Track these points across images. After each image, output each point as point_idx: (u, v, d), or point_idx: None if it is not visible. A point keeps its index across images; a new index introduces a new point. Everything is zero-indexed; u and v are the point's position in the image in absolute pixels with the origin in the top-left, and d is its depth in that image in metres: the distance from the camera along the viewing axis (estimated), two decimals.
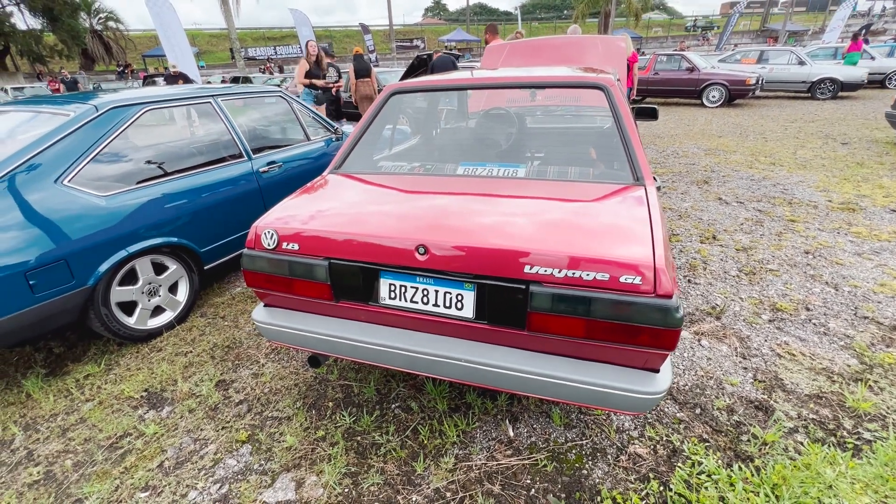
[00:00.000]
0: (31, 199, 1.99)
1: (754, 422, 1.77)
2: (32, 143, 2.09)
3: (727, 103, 10.77)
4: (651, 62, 11.60)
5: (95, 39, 29.23)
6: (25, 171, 2.02)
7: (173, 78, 8.86)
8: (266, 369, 2.24)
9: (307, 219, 1.60)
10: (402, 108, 3.40)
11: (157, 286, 2.51)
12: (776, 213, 3.96)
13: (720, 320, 2.46)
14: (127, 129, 2.42)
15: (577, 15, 34.27)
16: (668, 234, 1.67)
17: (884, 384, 1.93)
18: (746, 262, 3.09)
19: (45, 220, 2.01)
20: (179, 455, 1.76)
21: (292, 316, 1.69)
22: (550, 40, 4.51)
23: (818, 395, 1.90)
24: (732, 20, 25.95)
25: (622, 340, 1.25)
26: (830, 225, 3.64)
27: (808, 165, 5.41)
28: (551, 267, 1.26)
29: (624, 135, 1.72)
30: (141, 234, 2.35)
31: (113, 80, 25.99)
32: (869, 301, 2.56)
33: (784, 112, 9.61)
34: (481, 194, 1.70)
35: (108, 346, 2.50)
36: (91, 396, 2.11)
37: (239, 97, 3.13)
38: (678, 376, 2.05)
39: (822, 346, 2.21)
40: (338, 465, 1.66)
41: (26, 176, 2.01)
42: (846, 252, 3.16)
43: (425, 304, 1.45)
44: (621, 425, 1.80)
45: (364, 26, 23.87)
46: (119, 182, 2.35)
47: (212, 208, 2.71)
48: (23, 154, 2.04)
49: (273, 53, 33.74)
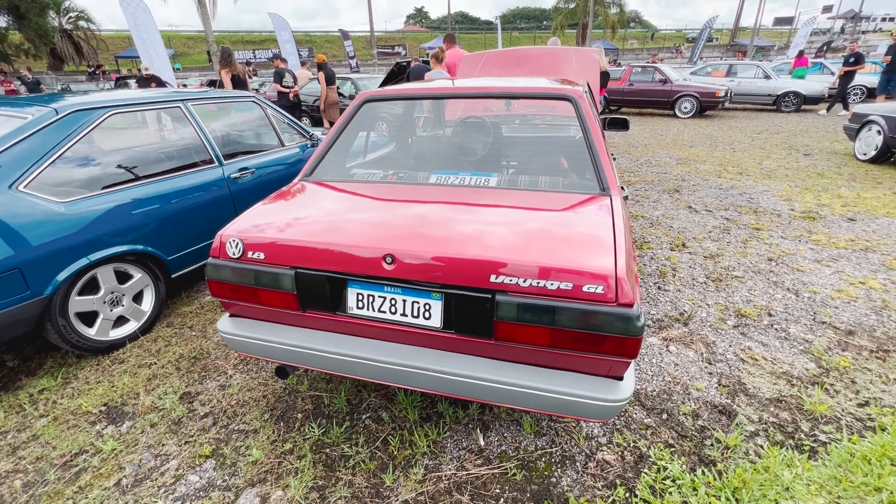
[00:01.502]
0: None
1: (718, 426, 1.81)
2: None
3: (698, 114, 11.14)
4: (626, 74, 11.92)
5: (65, 39, 28.28)
6: None
7: (146, 80, 8.63)
8: (234, 380, 2.19)
9: (273, 227, 1.58)
10: (379, 115, 3.40)
11: (119, 295, 2.43)
12: (742, 221, 4.09)
13: (688, 326, 2.52)
14: (90, 133, 2.34)
15: (555, 26, 35.08)
16: (633, 244, 1.70)
17: (839, 387, 2.01)
18: (714, 269, 3.18)
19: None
20: (139, 472, 1.69)
21: (259, 326, 1.66)
22: (526, 50, 4.59)
23: (778, 398, 1.96)
24: (704, 34, 26.93)
25: (586, 349, 1.27)
26: (792, 233, 3.78)
27: (772, 175, 5.63)
28: (517, 276, 1.27)
29: (591, 146, 1.75)
30: (103, 242, 2.27)
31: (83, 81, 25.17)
32: (827, 306, 2.67)
33: (751, 123, 9.99)
34: (452, 203, 1.70)
35: (66, 358, 2.39)
36: (45, 412, 2.01)
37: (210, 102, 3.07)
38: (646, 382, 2.09)
39: (783, 350, 2.29)
40: (304, 479, 1.62)
41: None
42: (806, 259, 3.29)
43: (393, 314, 1.44)
44: (590, 432, 1.82)
45: (344, 32, 23.81)
46: (80, 188, 2.27)
47: (180, 215, 2.64)
48: None
49: (252, 57, 33.28)
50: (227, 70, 6.30)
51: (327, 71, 7.62)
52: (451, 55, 5.99)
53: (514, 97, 2.34)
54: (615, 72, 12.31)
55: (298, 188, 1.92)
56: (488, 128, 2.44)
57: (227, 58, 6.36)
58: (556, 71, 4.15)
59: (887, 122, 5.67)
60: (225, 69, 6.34)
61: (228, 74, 6.34)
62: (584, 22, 31.90)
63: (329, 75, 7.67)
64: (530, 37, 47.83)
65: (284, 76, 7.64)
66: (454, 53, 6.03)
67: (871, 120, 5.95)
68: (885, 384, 2.02)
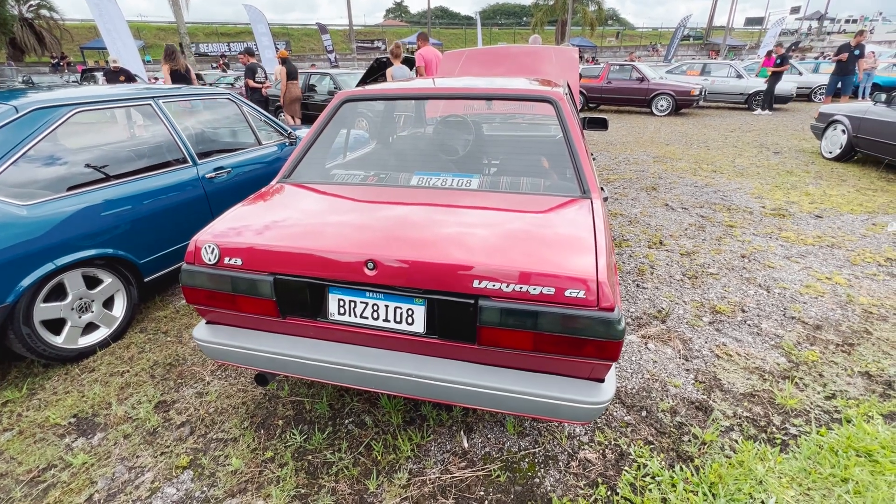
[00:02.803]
0: None
1: (695, 422, 1.86)
2: None
3: (674, 112, 11.37)
4: (604, 72, 12.07)
5: (25, 28, 26.94)
6: None
7: (114, 74, 8.31)
8: (212, 388, 2.13)
9: (251, 232, 1.54)
10: (358, 112, 3.35)
11: (89, 301, 2.33)
12: (717, 218, 4.21)
13: (665, 323, 2.58)
14: (53, 132, 2.23)
15: (535, 23, 35.28)
16: (613, 245, 1.73)
17: (808, 381, 2.09)
18: (690, 266, 3.26)
19: None
20: (111, 486, 1.64)
21: (237, 333, 1.62)
22: (507, 49, 4.59)
23: (752, 393, 2.02)
24: (679, 33, 27.50)
25: (568, 352, 1.28)
26: (763, 230, 3.91)
27: (744, 173, 5.80)
28: (499, 282, 1.27)
29: (571, 148, 1.77)
30: (70, 246, 2.17)
31: (46, 73, 24.06)
32: (796, 302, 2.77)
33: (725, 122, 10.27)
34: (434, 205, 1.69)
35: (32, 367, 2.29)
36: (10, 426, 1.92)
37: (183, 98, 2.97)
38: (626, 380, 2.12)
39: (756, 346, 2.36)
40: (286, 488, 1.60)
41: None
42: (777, 256, 3.41)
43: (375, 320, 1.43)
44: (573, 431, 1.84)
45: (322, 26, 23.39)
46: (44, 189, 2.17)
47: (152, 217, 2.55)
48: None
49: (227, 50, 32.39)
50: (168, 66, 6.48)
51: (289, 66, 7.71)
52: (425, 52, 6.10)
53: (494, 98, 2.34)
54: (593, 69, 12.46)
55: (277, 190, 1.88)
56: (469, 127, 2.43)
57: (171, 54, 6.53)
58: (537, 70, 4.17)
59: (851, 121, 5.90)
60: (167, 65, 6.51)
61: (168, 70, 6.51)
62: (564, 19, 32.17)
63: (291, 71, 7.74)
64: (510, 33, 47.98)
65: (257, 71, 7.54)
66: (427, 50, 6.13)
67: (837, 119, 6.18)
68: (850, 377, 2.11)
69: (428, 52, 6.16)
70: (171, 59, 6.52)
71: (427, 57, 6.08)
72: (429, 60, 6.06)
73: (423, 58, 6.07)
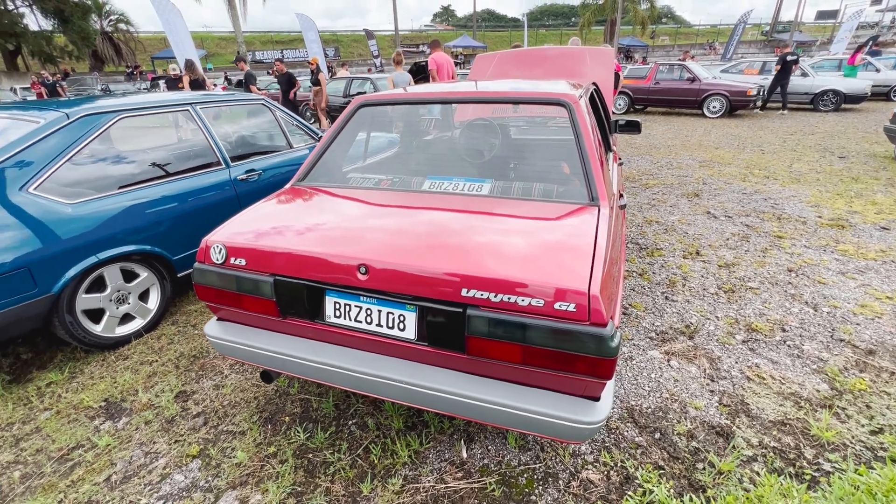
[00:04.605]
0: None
1: (713, 449, 1.72)
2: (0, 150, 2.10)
3: (728, 114, 10.70)
4: (652, 72, 11.57)
5: (105, 41, 29.60)
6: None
7: (174, 81, 8.95)
8: (229, 381, 2.23)
9: (255, 234, 1.59)
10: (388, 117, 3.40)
11: (126, 293, 2.51)
12: (764, 228, 3.90)
13: (693, 340, 2.42)
14: (99, 136, 2.43)
15: (582, 23, 34.39)
16: (619, 256, 1.64)
17: (851, 412, 1.88)
18: (727, 279, 3.04)
19: (6, 228, 2.01)
20: (128, 469, 1.74)
21: (243, 331, 1.68)
22: (539, 51, 4.50)
23: (783, 421, 1.85)
24: (739, 30, 25.87)
25: (559, 368, 1.22)
26: (818, 242, 3.58)
27: (802, 179, 5.35)
28: (488, 291, 1.23)
29: (583, 153, 1.69)
30: (110, 242, 2.34)
31: (121, 82, 26.30)
32: (847, 323, 2.51)
33: (785, 124, 9.53)
34: (438, 210, 1.68)
35: (75, 353, 2.49)
36: (50, 405, 2.10)
37: (219, 105, 3.14)
38: (642, 398, 2.01)
39: (794, 369, 2.16)
40: (283, 484, 1.63)
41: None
42: (830, 271, 3.11)
43: (369, 324, 1.43)
44: (577, 449, 1.76)
45: (368, 32, 24.02)
46: (89, 189, 2.36)
47: (186, 216, 2.70)
48: None
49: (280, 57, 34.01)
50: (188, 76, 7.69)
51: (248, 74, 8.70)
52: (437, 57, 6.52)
53: (506, 102, 2.29)
54: (640, 70, 11.98)
55: (289, 193, 1.93)
56: (495, 130, 2.40)
57: (191, 66, 7.86)
58: (570, 71, 4.05)
59: None
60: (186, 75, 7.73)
61: (188, 80, 7.64)
62: (613, 18, 31.16)
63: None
64: (556, 34, 47.12)
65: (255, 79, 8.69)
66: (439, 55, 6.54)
67: None
68: None
69: (440, 58, 6.52)
70: (190, 70, 7.62)
71: (439, 62, 6.46)
72: (440, 65, 6.45)
73: (434, 62, 6.45)
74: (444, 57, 6.55)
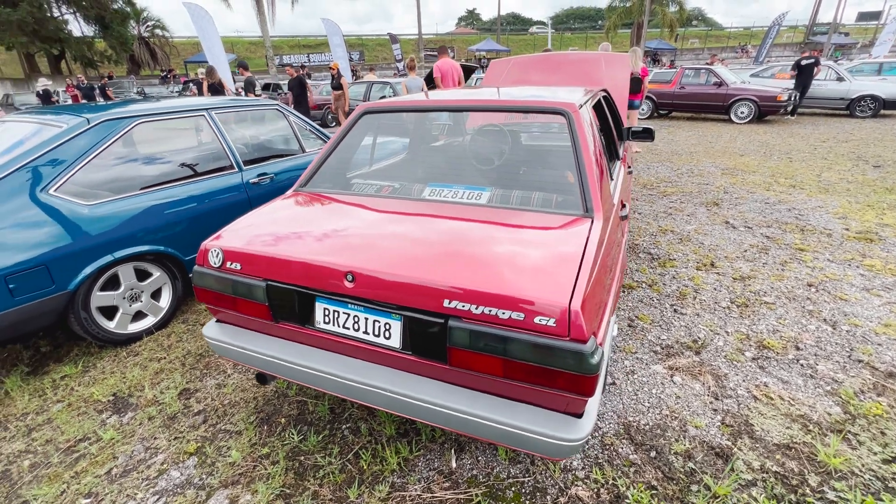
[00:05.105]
0: (14, 207, 2.11)
1: (710, 470, 1.66)
2: (23, 154, 2.22)
3: (757, 120, 10.35)
4: (677, 76, 11.30)
5: (142, 46, 30.89)
6: (12, 180, 2.14)
7: (201, 84, 9.26)
8: (231, 380, 2.28)
9: (250, 239, 1.63)
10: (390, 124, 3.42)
11: (139, 292, 2.60)
12: (785, 240, 3.75)
13: (699, 355, 2.34)
14: (117, 141, 2.53)
15: (609, 26, 33.93)
16: (612, 270, 1.60)
17: (864, 438, 1.79)
18: (741, 293, 2.94)
19: (27, 227, 2.12)
20: (129, 463, 1.80)
21: (239, 333, 1.71)
22: (554, 56, 4.46)
23: (788, 445, 1.77)
24: (772, 32, 25.02)
25: (540, 383, 1.20)
26: (842, 256, 3.42)
27: (831, 189, 5.12)
28: (469, 303, 1.22)
29: (579, 163, 1.67)
30: (124, 242, 2.44)
31: (156, 85, 27.38)
32: (868, 342, 2.39)
33: (817, 130, 9.16)
34: (431, 218, 1.68)
35: (90, 348, 2.60)
36: (62, 398, 2.19)
37: (234, 110, 3.23)
38: (641, 414, 1.96)
39: (806, 390, 2.07)
40: (273, 486, 1.66)
41: (12, 185, 2.13)
42: (854, 287, 2.96)
43: (356, 331, 1.44)
44: (569, 464, 1.73)
45: (392, 36, 24.29)
46: (106, 191, 2.46)
47: (198, 218, 2.79)
48: (11, 164, 2.17)
49: (306, 60, 34.76)
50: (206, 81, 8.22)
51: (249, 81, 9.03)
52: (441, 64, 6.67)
53: (503, 110, 2.28)
54: (665, 74, 11.72)
55: (289, 198, 1.97)
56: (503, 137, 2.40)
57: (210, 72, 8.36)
58: (583, 76, 4.00)
59: None
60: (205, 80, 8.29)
61: (207, 84, 8.14)
62: (640, 21, 30.63)
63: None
64: (582, 38, 46.60)
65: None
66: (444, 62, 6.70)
67: None
68: None
69: (444, 65, 6.67)
70: (210, 75, 8.25)
71: (443, 69, 6.63)
72: (445, 72, 6.61)
73: (439, 69, 6.61)
74: (450, 63, 6.70)
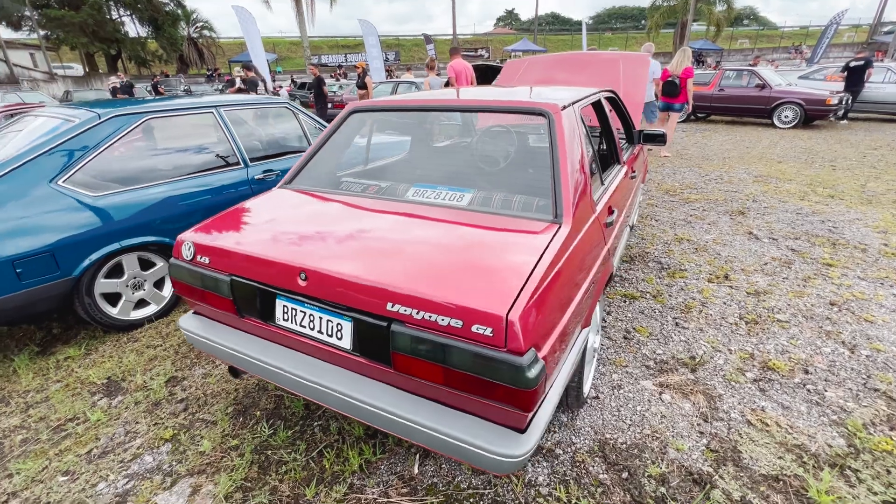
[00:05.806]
0: (24, 197, 2.24)
1: (683, 498, 1.55)
2: (34, 147, 2.35)
3: (803, 124, 9.72)
4: (717, 78, 10.77)
5: (190, 46, 32.48)
6: (24, 171, 2.27)
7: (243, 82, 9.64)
8: (217, 370, 2.34)
9: (220, 234, 1.65)
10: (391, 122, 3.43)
11: (142, 280, 2.71)
12: (813, 254, 3.49)
13: (695, 373, 2.20)
14: (126, 136, 2.65)
15: (651, 25, 32.81)
16: (576, 281, 1.52)
17: (865, 475, 1.62)
18: (753, 308, 2.75)
19: (35, 216, 2.24)
20: (108, 445, 1.88)
21: (210, 326, 1.75)
22: (570, 56, 4.33)
23: (777, 476, 1.63)
24: (830, 31, 23.44)
25: (479, 393, 1.16)
26: (875, 273, 3.14)
27: (874, 201, 4.73)
28: (410, 307, 1.19)
29: (555, 166, 1.60)
30: (128, 233, 2.55)
31: (202, 84, 28.75)
32: (889, 370, 2.18)
33: (869, 137, 8.50)
34: (400, 215, 1.66)
35: (96, 332, 2.73)
36: (61, 378, 2.31)
37: (242, 108, 3.32)
38: (620, 431, 1.86)
39: (808, 418, 1.90)
40: (235, 478, 1.68)
41: (24, 175, 2.27)
42: (883, 308, 2.71)
43: (311, 330, 1.44)
44: (534, 479, 1.66)
45: (427, 36, 24.45)
46: (113, 183, 2.57)
47: (202, 212, 2.87)
48: (24, 156, 2.31)
49: (343, 60, 35.52)
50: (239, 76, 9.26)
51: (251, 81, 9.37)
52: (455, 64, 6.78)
53: (484, 111, 2.22)
54: (704, 75, 11.19)
55: (267, 196, 2.00)
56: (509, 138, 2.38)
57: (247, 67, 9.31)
58: (599, 77, 3.86)
59: None
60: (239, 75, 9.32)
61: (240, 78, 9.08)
62: (684, 20, 29.45)
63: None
64: (623, 38, 45.32)
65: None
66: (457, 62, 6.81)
67: None
68: None
69: (458, 65, 6.78)
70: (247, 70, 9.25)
71: (457, 69, 6.74)
72: (458, 72, 6.73)
73: (453, 70, 6.73)
74: (463, 64, 6.84)
